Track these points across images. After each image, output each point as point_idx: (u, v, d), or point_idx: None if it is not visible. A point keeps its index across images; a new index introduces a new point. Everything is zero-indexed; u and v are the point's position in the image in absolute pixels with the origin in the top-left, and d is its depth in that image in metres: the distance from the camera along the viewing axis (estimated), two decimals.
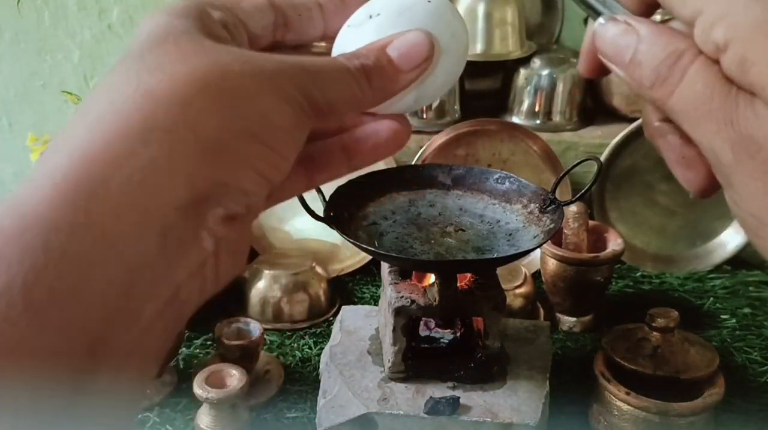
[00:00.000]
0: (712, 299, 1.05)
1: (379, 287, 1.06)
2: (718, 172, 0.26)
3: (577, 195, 0.71)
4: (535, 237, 0.70)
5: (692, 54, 0.25)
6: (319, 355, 0.90)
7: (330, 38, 0.32)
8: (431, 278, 0.73)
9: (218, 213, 0.24)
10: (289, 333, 0.97)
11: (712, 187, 0.28)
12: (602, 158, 1.08)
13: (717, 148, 0.25)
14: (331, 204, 0.71)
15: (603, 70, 0.30)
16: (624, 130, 1.09)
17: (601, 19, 0.28)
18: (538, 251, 0.97)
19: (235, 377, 0.75)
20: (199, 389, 0.72)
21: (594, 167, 0.71)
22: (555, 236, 0.87)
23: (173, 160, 0.22)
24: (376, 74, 0.28)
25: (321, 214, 0.69)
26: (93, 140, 0.22)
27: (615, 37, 0.27)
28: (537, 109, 1.15)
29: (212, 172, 0.23)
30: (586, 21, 1.29)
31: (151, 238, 0.22)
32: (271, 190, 0.27)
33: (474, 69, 1.22)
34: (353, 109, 0.29)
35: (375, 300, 1.04)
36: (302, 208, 0.67)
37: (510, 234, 0.73)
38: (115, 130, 0.22)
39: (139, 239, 0.22)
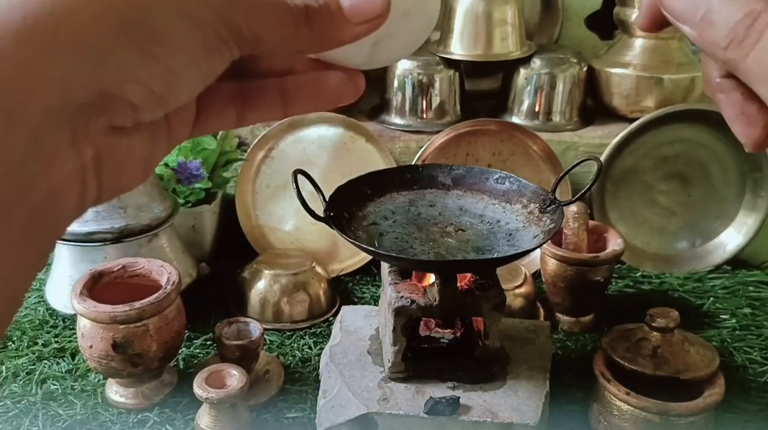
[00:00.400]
0: (712, 299, 1.05)
1: (379, 287, 1.06)
2: None
3: (577, 195, 0.71)
4: (535, 237, 0.70)
5: None
6: (319, 355, 0.90)
7: None
8: (431, 278, 0.73)
9: (101, 122, 0.24)
10: (289, 333, 0.97)
11: None
12: (602, 158, 1.08)
13: None
14: (331, 204, 0.71)
15: (662, 25, 0.29)
16: (624, 130, 1.09)
17: None
18: (538, 251, 0.97)
19: (235, 377, 0.75)
20: (199, 389, 0.73)
21: (594, 167, 0.71)
22: (555, 236, 0.87)
23: (48, 64, 0.22)
24: (320, 19, 0.27)
25: (321, 214, 0.69)
26: None
27: None
28: (537, 109, 1.15)
29: (94, 81, 0.23)
30: (586, 21, 1.29)
31: (17, 138, 0.21)
32: (173, 111, 0.26)
33: (474, 69, 1.22)
34: (286, 48, 0.28)
35: (375, 300, 1.04)
36: (302, 208, 0.67)
37: (510, 234, 0.73)
38: None
39: (2, 138, 0.21)
